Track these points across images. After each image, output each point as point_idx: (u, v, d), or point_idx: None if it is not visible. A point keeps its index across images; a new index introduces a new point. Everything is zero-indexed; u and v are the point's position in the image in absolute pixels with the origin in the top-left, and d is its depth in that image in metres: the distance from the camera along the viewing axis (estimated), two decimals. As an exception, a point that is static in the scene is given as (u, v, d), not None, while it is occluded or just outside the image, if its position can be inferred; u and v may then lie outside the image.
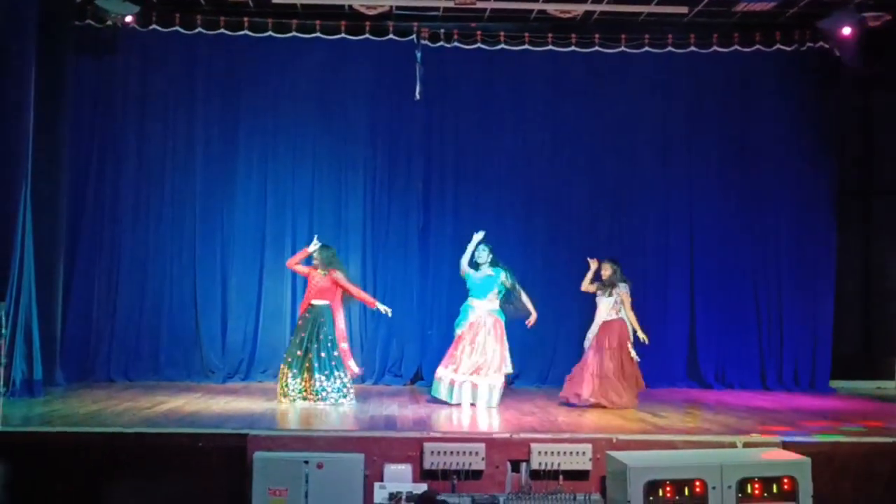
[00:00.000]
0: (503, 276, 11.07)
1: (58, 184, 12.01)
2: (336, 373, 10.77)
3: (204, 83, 13.41)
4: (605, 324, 11.12)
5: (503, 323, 11.12)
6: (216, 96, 13.41)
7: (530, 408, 10.67)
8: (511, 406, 10.80)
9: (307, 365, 10.75)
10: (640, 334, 11.09)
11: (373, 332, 13.34)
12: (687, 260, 13.60)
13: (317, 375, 10.70)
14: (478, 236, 11.16)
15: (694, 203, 13.65)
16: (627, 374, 11.02)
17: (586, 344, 11.24)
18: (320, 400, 10.63)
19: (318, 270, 11.01)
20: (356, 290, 11.28)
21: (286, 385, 10.76)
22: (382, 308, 11.28)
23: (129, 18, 12.52)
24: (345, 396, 10.76)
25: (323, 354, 10.79)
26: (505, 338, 11.10)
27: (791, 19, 13.24)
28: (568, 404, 10.88)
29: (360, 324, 13.32)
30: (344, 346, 11.06)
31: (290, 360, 10.85)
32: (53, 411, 9.64)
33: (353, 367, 11.14)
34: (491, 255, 11.13)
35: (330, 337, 10.89)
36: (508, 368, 11.11)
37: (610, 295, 11.15)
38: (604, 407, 10.64)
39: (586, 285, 11.33)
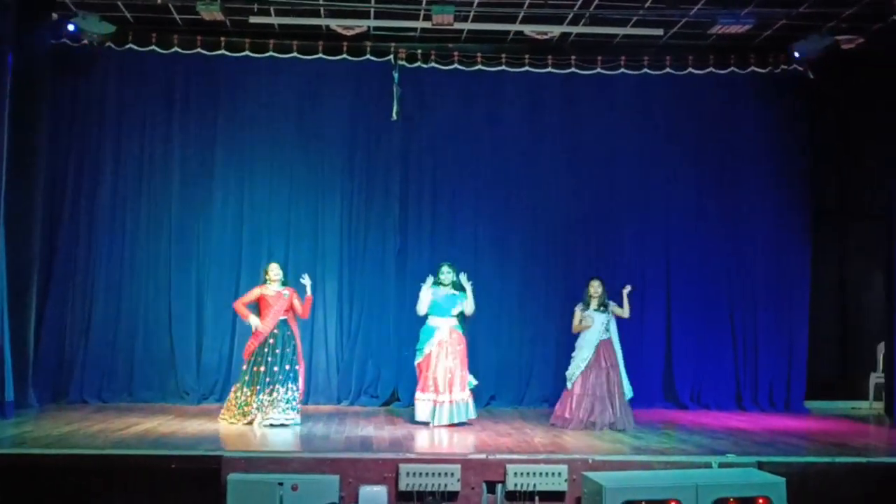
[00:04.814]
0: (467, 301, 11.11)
1: (32, 204, 11.92)
2: (293, 385, 10.77)
3: (181, 103, 13.35)
4: (603, 343, 11.07)
5: (465, 338, 11.14)
6: (193, 117, 13.36)
7: (506, 429, 10.64)
8: (487, 427, 10.77)
9: (267, 379, 10.70)
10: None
11: (349, 354, 13.28)
12: (663, 281, 13.61)
13: (278, 388, 10.67)
14: (428, 283, 11.15)
15: (670, 224, 13.68)
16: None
17: (581, 366, 11.06)
18: (277, 409, 10.58)
19: (281, 288, 10.98)
20: (306, 305, 11.21)
21: (246, 403, 10.69)
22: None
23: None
24: (295, 410, 10.72)
25: (287, 367, 10.80)
26: (466, 352, 11.09)
27: (765, 42, 13.33)
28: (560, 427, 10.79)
29: (336, 345, 13.28)
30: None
31: (247, 378, 10.79)
32: (25, 433, 9.54)
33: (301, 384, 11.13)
34: (454, 278, 11.14)
35: (295, 350, 10.94)
36: (473, 380, 11.08)
37: (604, 312, 11.12)
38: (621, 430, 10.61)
39: (586, 320, 11.15)
